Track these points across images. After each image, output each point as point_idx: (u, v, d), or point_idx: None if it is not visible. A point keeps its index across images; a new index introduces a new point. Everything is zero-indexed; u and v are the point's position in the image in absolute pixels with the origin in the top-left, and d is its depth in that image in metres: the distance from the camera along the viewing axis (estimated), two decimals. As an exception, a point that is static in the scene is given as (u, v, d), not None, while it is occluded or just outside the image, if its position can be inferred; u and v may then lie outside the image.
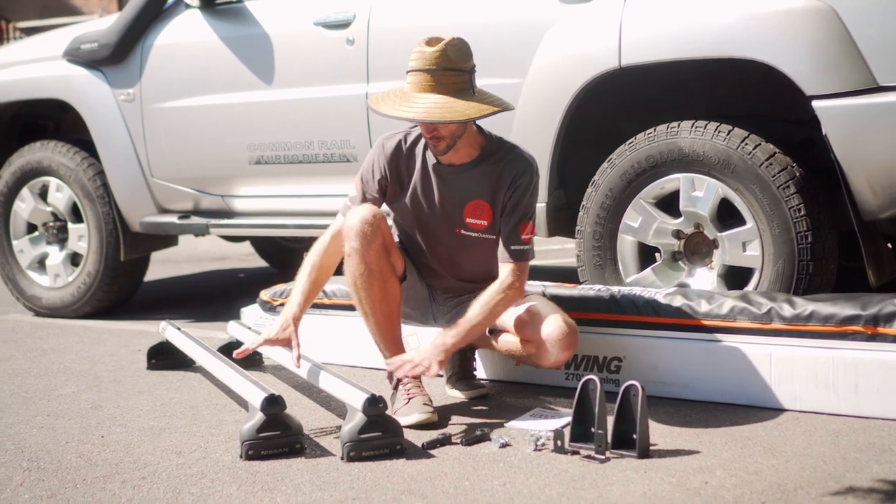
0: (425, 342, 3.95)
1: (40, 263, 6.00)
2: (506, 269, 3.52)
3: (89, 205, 5.72)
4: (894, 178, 3.71)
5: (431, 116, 3.34)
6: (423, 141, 3.59)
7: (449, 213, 3.62)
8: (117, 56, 5.53)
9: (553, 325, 3.49)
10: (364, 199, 3.62)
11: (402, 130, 3.65)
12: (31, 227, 6.03)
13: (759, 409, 3.51)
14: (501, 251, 3.55)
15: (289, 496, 2.84)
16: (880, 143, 3.70)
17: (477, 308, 3.49)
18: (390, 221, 3.69)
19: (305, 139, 4.99)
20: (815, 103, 3.73)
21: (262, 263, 7.69)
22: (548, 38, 4.25)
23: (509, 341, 3.64)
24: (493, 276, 3.74)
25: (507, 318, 3.59)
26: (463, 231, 3.64)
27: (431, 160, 3.59)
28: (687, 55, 3.99)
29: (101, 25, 5.75)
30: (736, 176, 3.89)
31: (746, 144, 3.89)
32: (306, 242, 6.96)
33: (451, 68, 3.37)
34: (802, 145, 4.06)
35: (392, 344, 3.63)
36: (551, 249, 7.62)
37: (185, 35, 5.41)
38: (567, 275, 4.46)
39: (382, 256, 3.53)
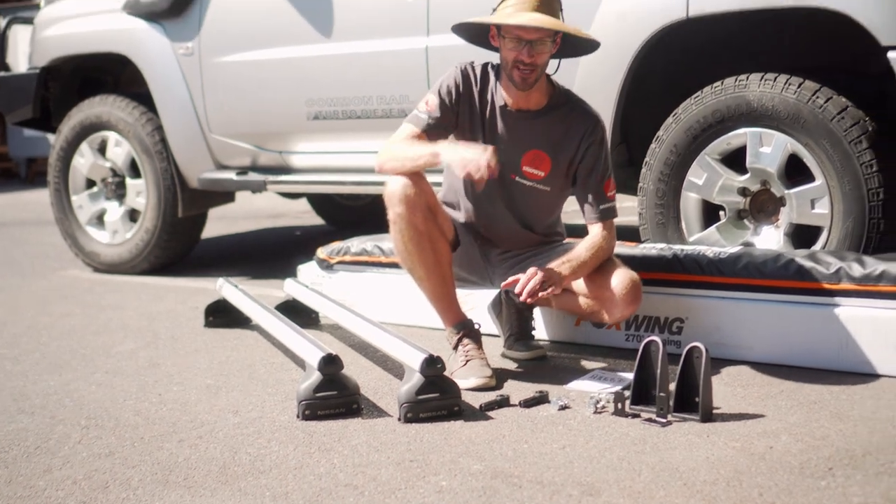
0: (481, 303, 3.90)
1: (99, 219, 6.02)
2: (596, 228, 3.53)
3: (147, 160, 5.71)
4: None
5: (558, 26, 3.37)
6: (492, 82, 3.54)
7: (508, 158, 3.53)
8: (176, 9, 5.49)
9: (617, 279, 3.43)
10: (438, 121, 3.48)
11: (479, 64, 3.58)
12: (90, 183, 6.04)
13: (826, 372, 3.42)
14: (590, 212, 3.55)
15: (346, 457, 2.81)
16: (958, 98, 3.58)
17: (583, 249, 3.48)
18: (433, 178, 3.59)
19: (364, 94, 4.93)
20: (890, 54, 3.60)
21: (318, 221, 7.66)
22: (614, -12, 4.15)
23: (572, 298, 3.58)
24: (548, 230, 3.71)
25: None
26: (518, 178, 3.59)
27: (500, 102, 3.53)
28: (755, 5, 3.87)
29: (160, -22, 5.72)
30: (806, 131, 3.77)
31: (818, 98, 3.77)
32: (363, 200, 6.95)
33: None
34: (876, 99, 3.92)
35: (449, 305, 3.58)
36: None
37: (245, -13, 5.36)
38: (628, 234, 4.37)
39: (429, 218, 3.47)
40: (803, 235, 3.88)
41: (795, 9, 3.78)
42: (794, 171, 3.87)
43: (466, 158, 3.25)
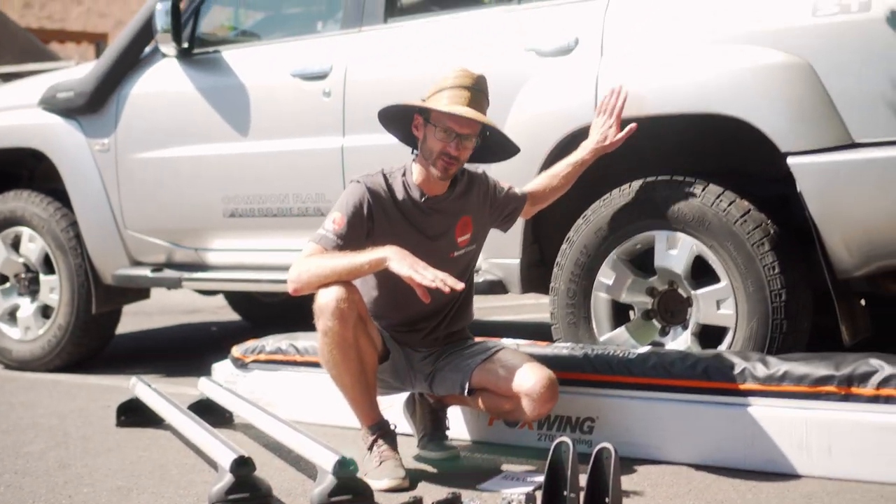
0: (398, 401, 3.93)
1: (11, 315, 5.94)
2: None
3: (62, 256, 5.68)
4: (869, 236, 3.70)
5: (492, 123, 3.60)
6: (398, 183, 3.61)
7: (444, 239, 3.66)
8: (93, 105, 5.51)
9: (533, 378, 3.49)
10: (347, 240, 3.49)
11: (375, 173, 3.64)
12: (3, 279, 5.97)
13: (733, 470, 3.48)
14: (519, 195, 3.92)
15: (256, 562, 2.80)
16: (855, 201, 3.69)
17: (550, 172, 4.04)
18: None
19: (280, 192, 4.96)
20: (790, 160, 3.73)
21: (234, 316, 7.64)
22: (524, 92, 4.26)
23: (488, 398, 3.63)
24: (466, 315, 3.85)
25: (486, 375, 3.59)
26: (456, 253, 3.68)
27: (417, 197, 3.61)
28: (662, 111, 3.99)
29: (77, 74, 5.74)
30: (710, 233, 3.88)
31: (721, 201, 3.88)
32: (280, 296, 6.95)
33: (486, 97, 3.61)
34: (777, 202, 4.05)
35: (368, 408, 3.59)
36: (525, 304, 7.59)
37: (161, 85, 5.40)
38: (542, 330, 4.43)
39: (360, 330, 3.48)
40: (710, 335, 3.96)
41: (699, 115, 3.91)
42: (700, 273, 3.97)
43: (423, 268, 3.31)
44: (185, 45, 5.26)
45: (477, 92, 3.56)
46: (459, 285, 3.29)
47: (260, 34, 5.95)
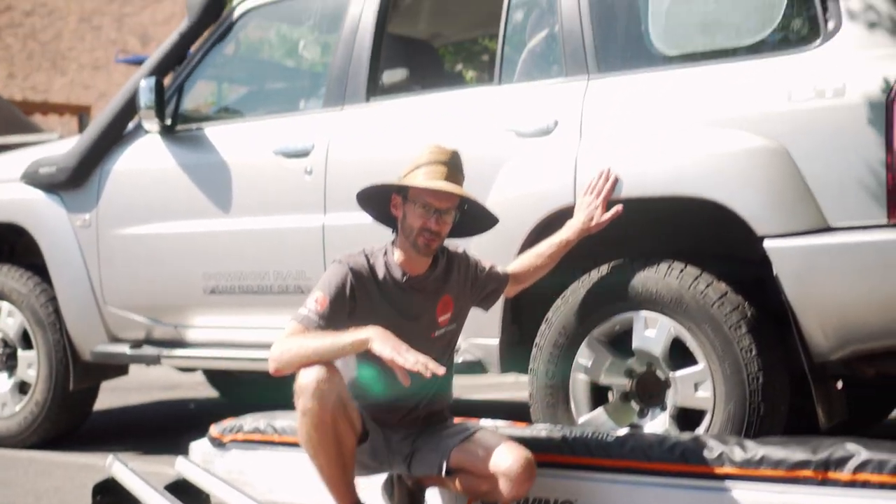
0: (375, 481, 3.91)
1: (-13, 391, 5.90)
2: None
3: (40, 332, 5.65)
4: (845, 319, 3.72)
5: (471, 196, 3.63)
6: (380, 263, 3.63)
7: (426, 319, 3.67)
8: (75, 180, 5.52)
9: (510, 458, 3.49)
10: (329, 320, 3.49)
11: (357, 253, 3.66)
12: (-20, 354, 5.95)
13: (712, 555, 3.47)
14: (503, 278, 3.95)
15: None
16: (831, 285, 3.71)
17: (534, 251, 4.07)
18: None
19: (261, 269, 4.97)
20: (766, 243, 3.76)
21: (213, 393, 7.59)
22: (504, 173, 4.29)
23: (466, 479, 3.62)
24: (446, 397, 3.84)
25: (464, 455, 3.58)
26: (437, 333, 3.69)
27: (399, 277, 3.63)
28: (640, 193, 4.02)
29: (59, 149, 5.76)
30: (688, 315, 3.89)
31: (698, 283, 3.90)
32: (260, 375, 6.92)
33: (461, 171, 3.65)
34: (754, 284, 4.07)
35: (345, 490, 3.58)
36: (504, 383, 7.55)
37: (143, 161, 5.42)
38: (521, 409, 4.42)
39: (339, 411, 3.46)
40: (689, 418, 3.96)
41: (676, 198, 3.94)
42: (678, 354, 3.98)
43: (406, 351, 3.30)
44: (168, 121, 5.28)
45: (453, 167, 3.60)
46: (441, 370, 3.29)
47: (243, 111, 6.00)
